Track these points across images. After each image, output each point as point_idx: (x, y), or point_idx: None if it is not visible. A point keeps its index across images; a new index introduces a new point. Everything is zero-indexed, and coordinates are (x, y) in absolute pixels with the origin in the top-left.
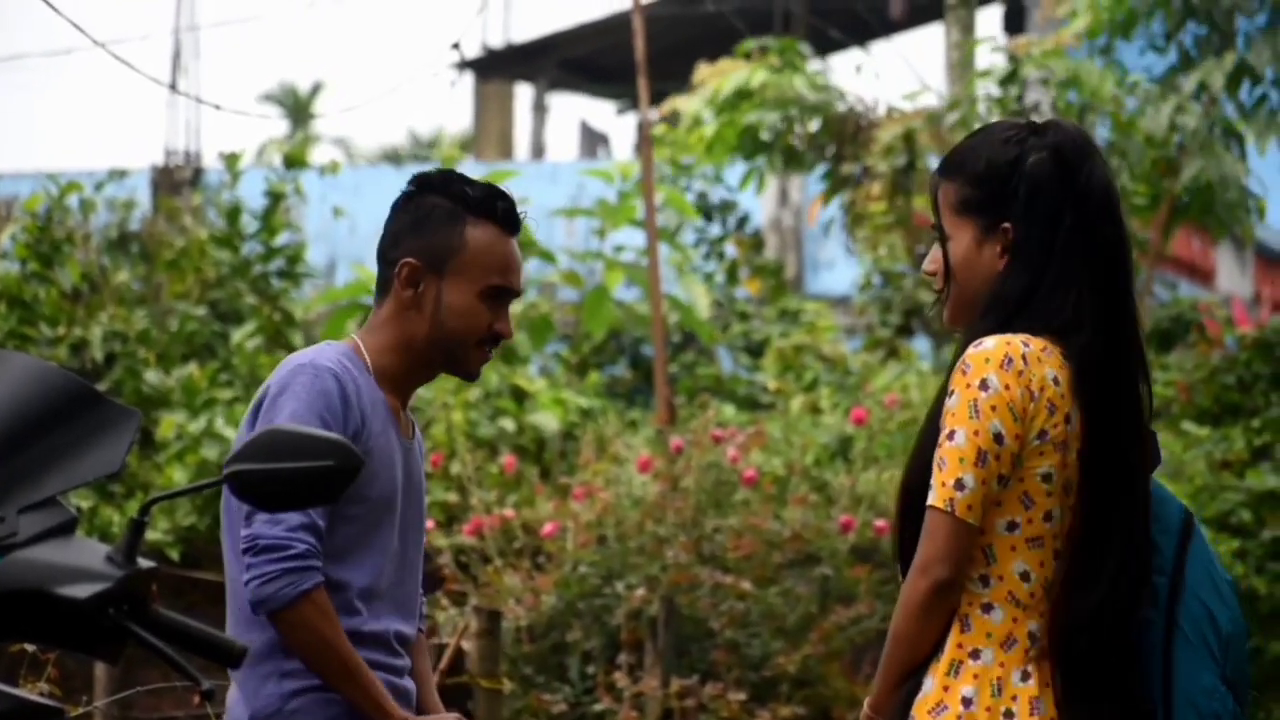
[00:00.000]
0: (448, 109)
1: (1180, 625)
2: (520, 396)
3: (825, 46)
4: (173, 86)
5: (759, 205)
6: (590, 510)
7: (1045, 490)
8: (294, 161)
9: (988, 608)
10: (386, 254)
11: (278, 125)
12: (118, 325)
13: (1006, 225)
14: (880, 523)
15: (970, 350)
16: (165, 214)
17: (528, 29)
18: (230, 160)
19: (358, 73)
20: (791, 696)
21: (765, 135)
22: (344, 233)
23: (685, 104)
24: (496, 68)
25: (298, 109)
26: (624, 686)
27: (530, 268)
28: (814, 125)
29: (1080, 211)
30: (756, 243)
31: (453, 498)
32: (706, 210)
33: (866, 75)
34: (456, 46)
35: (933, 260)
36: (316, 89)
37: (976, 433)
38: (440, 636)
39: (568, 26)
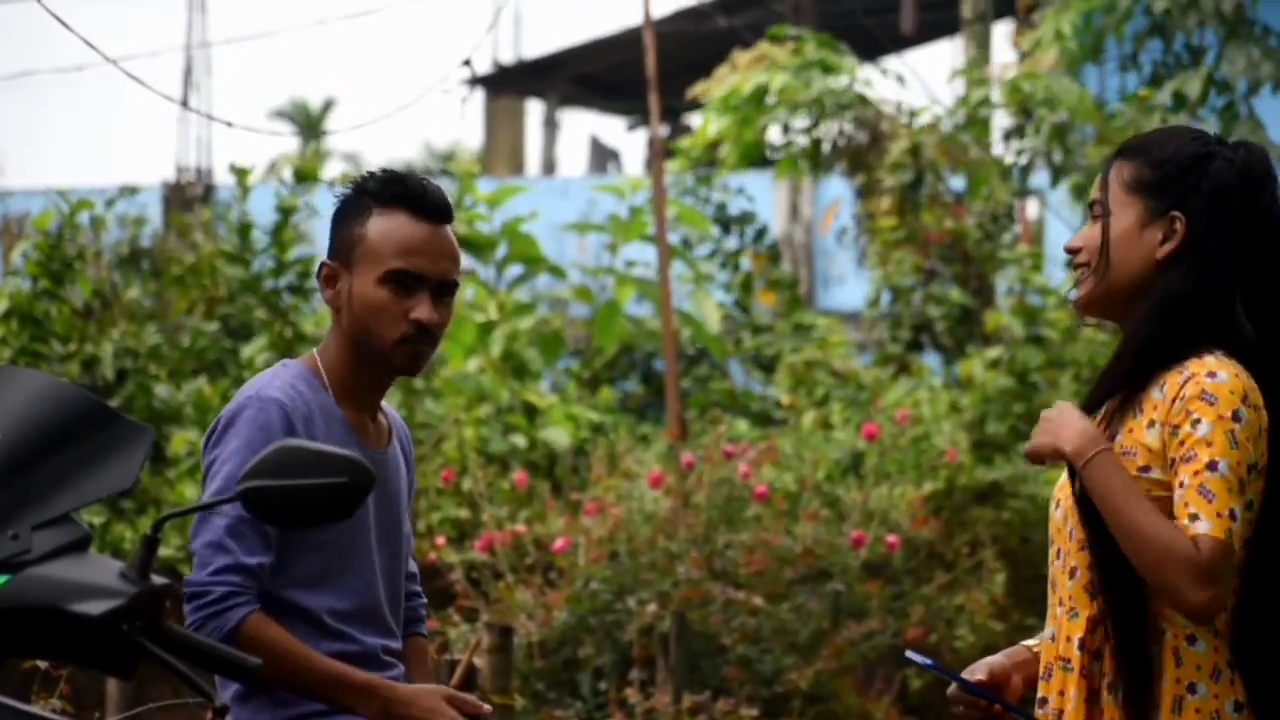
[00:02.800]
0: (459, 125)
1: None
2: (532, 412)
3: None
4: (184, 103)
5: (770, 220)
6: (602, 526)
7: (1248, 519)
8: (305, 176)
9: (1192, 640)
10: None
11: (289, 141)
12: (129, 341)
13: (1177, 215)
14: (892, 538)
15: (1209, 381)
16: (176, 230)
17: (539, 45)
18: (240, 175)
19: (370, 89)
20: (803, 712)
21: (790, 136)
22: None
23: (701, 116)
24: (507, 83)
25: (309, 125)
26: (636, 702)
27: (541, 284)
28: (846, 126)
29: (1259, 230)
30: (773, 255)
31: (464, 514)
32: (724, 222)
33: (888, 84)
34: (468, 63)
35: (1082, 237)
36: (329, 105)
37: (1239, 464)
38: (452, 653)
39: (579, 42)
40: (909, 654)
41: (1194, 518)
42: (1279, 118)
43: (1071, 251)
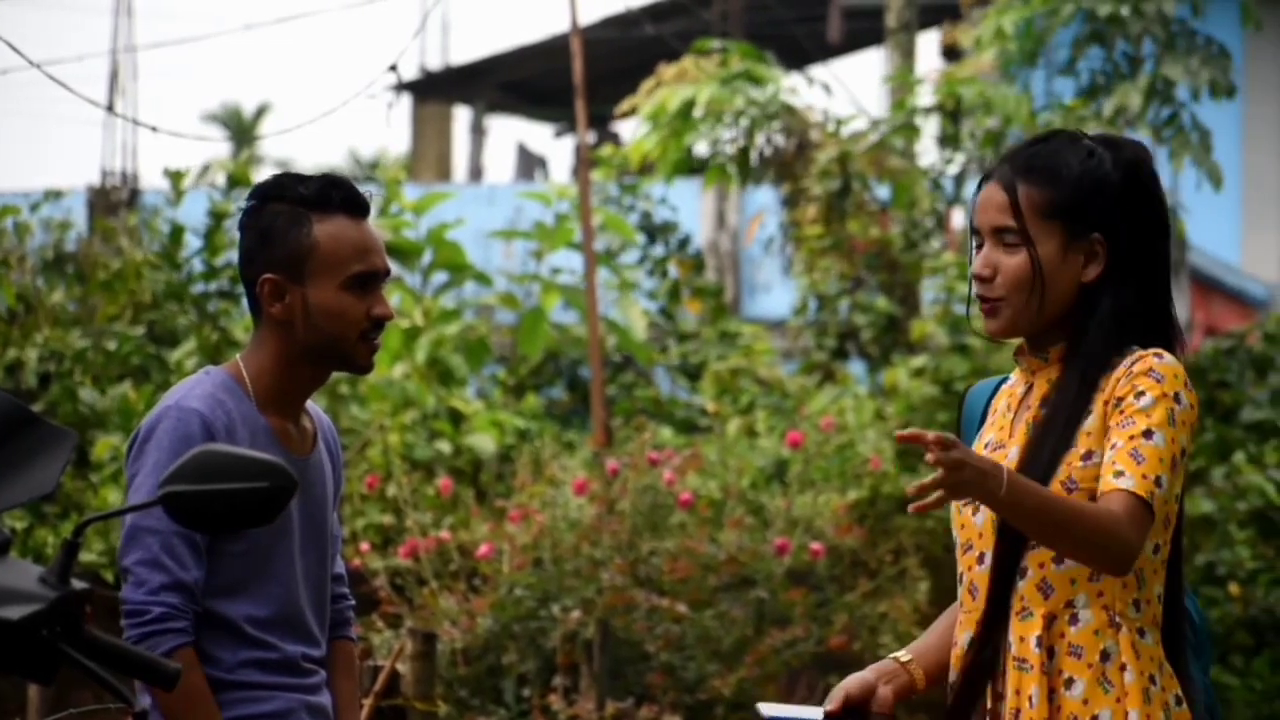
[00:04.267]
0: (387, 130)
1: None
2: (457, 418)
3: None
4: (109, 108)
5: (697, 228)
6: (526, 532)
7: (1176, 511)
8: (237, 181)
9: (1142, 633)
10: (245, 274)
11: (218, 146)
12: (53, 346)
13: (1097, 237)
14: (816, 546)
15: (1155, 360)
16: (101, 235)
17: (466, 51)
18: (175, 178)
19: (303, 94)
20: (727, 719)
21: (719, 148)
22: None
23: (630, 126)
24: (434, 90)
25: (241, 130)
26: (559, 709)
27: (467, 290)
28: (775, 135)
29: (1158, 231)
30: (698, 264)
31: (388, 520)
32: (649, 230)
33: (816, 92)
34: (394, 68)
35: (989, 264)
36: (262, 110)
37: (1174, 440)
38: (375, 659)
39: (506, 49)
40: (761, 707)
41: (1119, 474)
42: (1220, 125)
43: (981, 279)
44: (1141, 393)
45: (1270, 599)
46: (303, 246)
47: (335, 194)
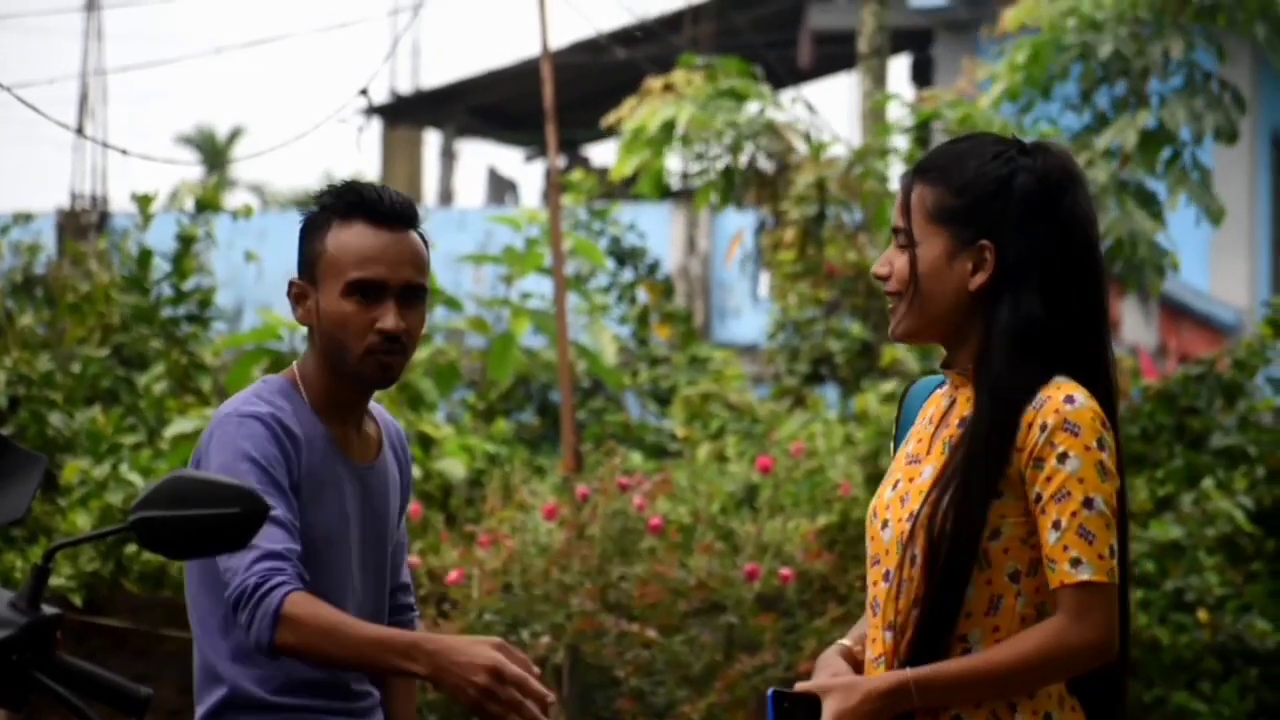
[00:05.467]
0: (357, 154)
1: None
2: (427, 443)
3: None
4: (79, 130)
5: (666, 253)
6: (496, 558)
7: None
8: (206, 205)
9: None
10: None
11: (192, 169)
12: (22, 369)
13: (985, 244)
14: (785, 571)
15: (1067, 408)
16: (71, 258)
17: (437, 75)
18: (143, 202)
19: (277, 118)
20: None
21: (704, 164)
22: (252, 278)
23: (602, 150)
24: (405, 114)
25: (214, 153)
26: None
27: (437, 315)
28: (758, 155)
29: (1066, 241)
30: (667, 289)
31: None
32: (619, 255)
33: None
34: (364, 92)
35: (885, 263)
36: (236, 133)
37: (1110, 496)
38: None
39: (476, 73)
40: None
41: (1075, 562)
42: (1226, 167)
43: (880, 278)
44: (1065, 455)
45: (1239, 625)
46: (317, 251)
47: (357, 199)
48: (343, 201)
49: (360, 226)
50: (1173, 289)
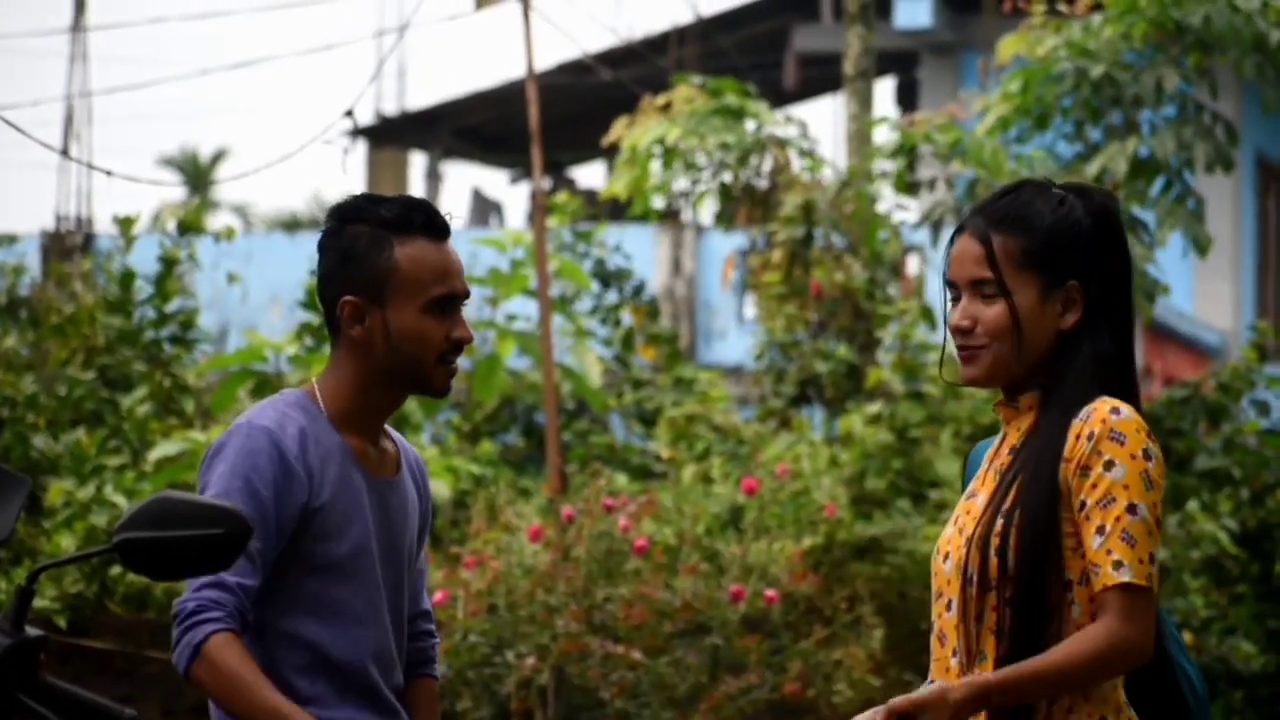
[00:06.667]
0: (343, 176)
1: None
2: None
3: None
4: (64, 152)
5: (652, 274)
6: (481, 579)
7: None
8: (189, 227)
9: None
10: (324, 296)
11: (176, 191)
12: (6, 391)
13: (1074, 284)
14: (770, 593)
15: (1113, 418)
16: (55, 279)
17: (422, 97)
18: (125, 225)
19: (262, 140)
20: None
21: (699, 185)
22: (235, 299)
23: (588, 172)
24: (390, 135)
25: (198, 174)
26: None
27: None
28: (751, 174)
29: (1126, 275)
30: (652, 310)
31: None
32: (604, 276)
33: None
34: (350, 114)
35: (970, 316)
36: (219, 155)
37: (1154, 505)
38: None
39: (461, 95)
40: None
41: (1118, 565)
42: (1211, 191)
43: (962, 330)
44: (1111, 462)
45: (1223, 647)
46: (383, 269)
47: (416, 216)
48: (403, 219)
49: (423, 242)
50: (1158, 312)
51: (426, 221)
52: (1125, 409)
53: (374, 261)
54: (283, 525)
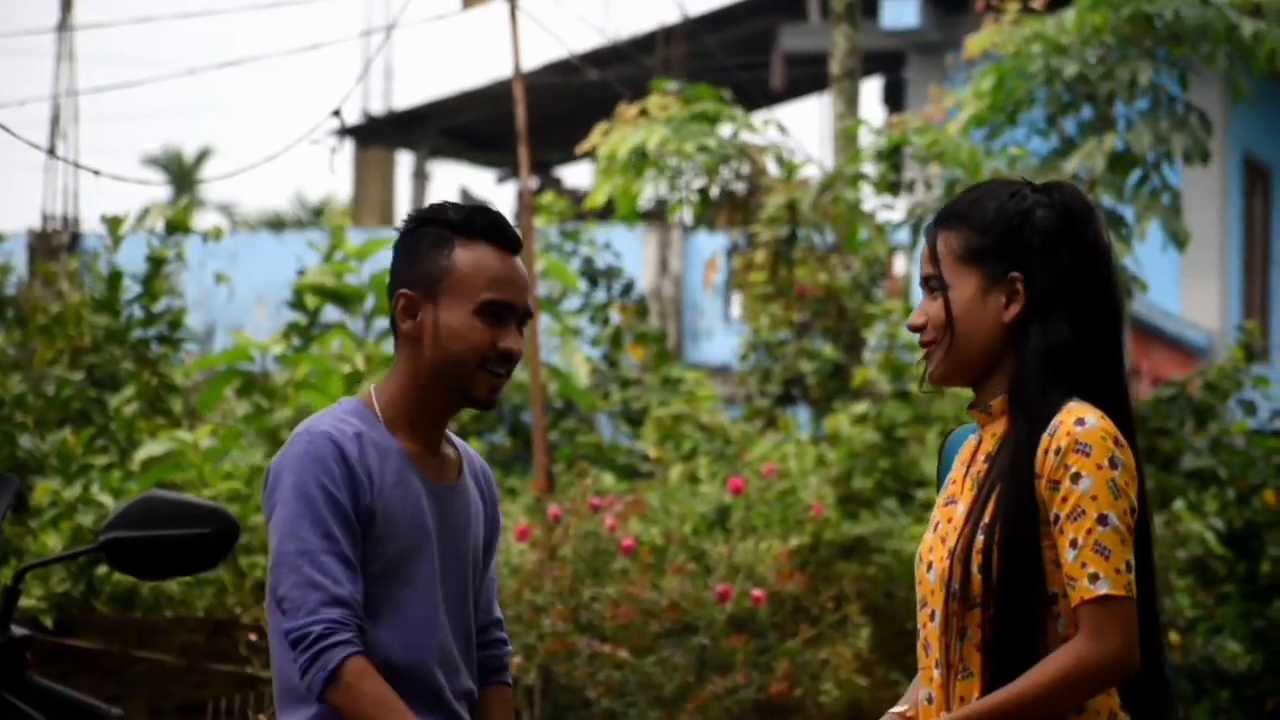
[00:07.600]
0: (330, 175)
1: None
2: None
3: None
4: (51, 151)
5: (639, 274)
6: None
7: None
8: (176, 227)
9: None
10: (390, 294)
11: (161, 190)
12: None
13: (1016, 275)
14: (757, 592)
15: (1077, 429)
16: (42, 279)
17: (409, 96)
18: (113, 224)
19: (248, 139)
20: None
21: (678, 190)
22: (222, 299)
23: (575, 171)
24: (377, 135)
25: (183, 174)
26: None
27: None
28: (730, 178)
29: (1090, 270)
30: (640, 310)
31: None
32: (592, 276)
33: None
34: (337, 113)
35: (922, 313)
36: (204, 154)
37: (1125, 513)
38: None
39: (449, 94)
40: None
41: (1094, 578)
42: (1197, 189)
43: (915, 329)
44: (1078, 475)
45: (1209, 647)
46: (441, 266)
47: (480, 220)
48: (469, 222)
49: (486, 248)
50: (1144, 311)
51: (490, 226)
52: (1091, 417)
53: (434, 259)
54: (361, 526)
